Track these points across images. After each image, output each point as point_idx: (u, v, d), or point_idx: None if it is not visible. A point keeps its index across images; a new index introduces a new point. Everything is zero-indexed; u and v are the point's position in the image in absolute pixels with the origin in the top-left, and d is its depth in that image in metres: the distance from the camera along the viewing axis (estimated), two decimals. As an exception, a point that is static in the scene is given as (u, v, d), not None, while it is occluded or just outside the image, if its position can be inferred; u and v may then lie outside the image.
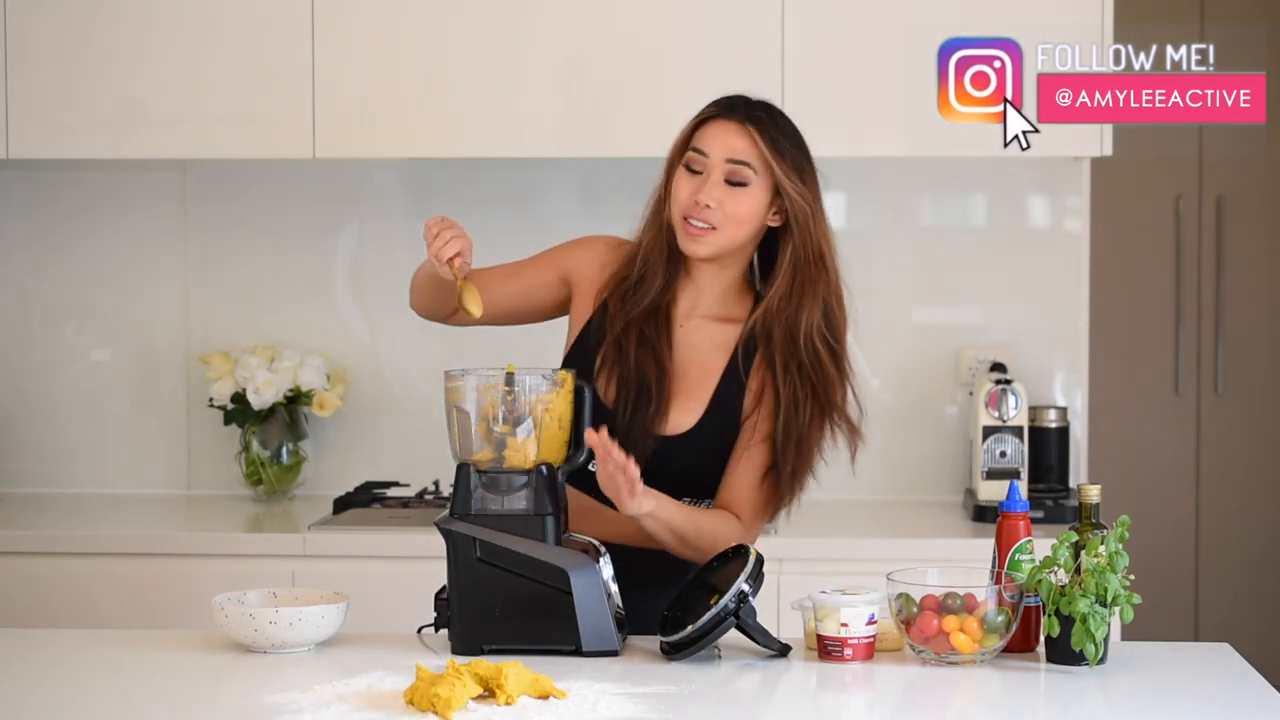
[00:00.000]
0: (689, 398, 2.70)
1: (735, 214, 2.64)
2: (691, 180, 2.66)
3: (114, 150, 3.88)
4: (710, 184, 2.65)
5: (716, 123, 2.67)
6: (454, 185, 4.18)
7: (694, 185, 2.66)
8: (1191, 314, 5.33)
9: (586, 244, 2.84)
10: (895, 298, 4.14)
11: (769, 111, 2.69)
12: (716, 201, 2.64)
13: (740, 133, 2.65)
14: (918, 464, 4.13)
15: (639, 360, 2.69)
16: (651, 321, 2.71)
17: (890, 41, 3.77)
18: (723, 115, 2.67)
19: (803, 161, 2.68)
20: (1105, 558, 2.43)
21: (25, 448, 4.24)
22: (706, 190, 2.64)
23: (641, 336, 2.70)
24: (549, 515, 2.53)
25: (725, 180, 2.65)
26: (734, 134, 2.65)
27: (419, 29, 3.81)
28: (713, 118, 2.68)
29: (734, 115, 2.67)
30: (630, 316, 2.71)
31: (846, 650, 2.47)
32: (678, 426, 2.69)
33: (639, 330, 2.71)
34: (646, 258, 2.73)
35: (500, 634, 2.51)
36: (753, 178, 2.65)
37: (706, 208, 2.64)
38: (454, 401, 2.57)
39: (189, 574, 3.62)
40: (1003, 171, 4.12)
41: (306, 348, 4.14)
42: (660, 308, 2.72)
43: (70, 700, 2.34)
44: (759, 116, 2.67)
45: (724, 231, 2.65)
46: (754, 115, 2.67)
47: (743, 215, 2.65)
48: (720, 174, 2.65)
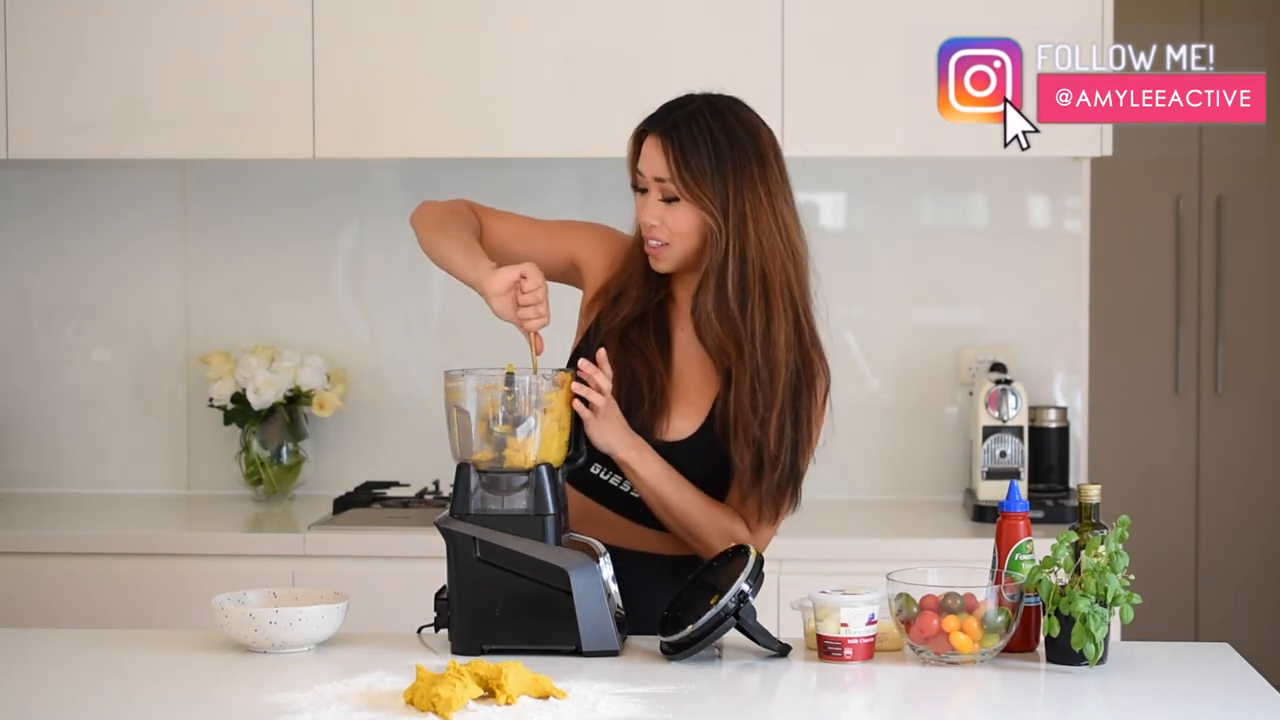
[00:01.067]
0: (690, 404, 2.68)
1: (678, 229, 2.62)
2: (640, 198, 2.66)
3: (114, 150, 3.88)
4: (650, 203, 2.63)
5: (647, 138, 2.64)
6: (454, 185, 4.18)
7: (640, 204, 2.66)
8: (1191, 314, 5.34)
9: (601, 237, 2.81)
10: (895, 298, 4.14)
11: (693, 117, 2.62)
12: (659, 219, 2.62)
13: (658, 149, 2.61)
14: (918, 464, 4.13)
15: (626, 364, 2.67)
16: (637, 327, 2.70)
17: (890, 41, 3.77)
18: (649, 129, 2.64)
19: (722, 170, 2.59)
20: (1105, 558, 2.43)
21: (25, 448, 4.24)
22: (648, 210, 2.63)
23: (625, 341, 2.68)
24: (549, 515, 2.53)
25: (661, 198, 2.62)
26: (654, 150, 2.61)
27: (418, 29, 3.81)
28: (643, 132, 2.65)
29: (656, 129, 2.62)
30: (616, 322, 2.70)
31: (846, 650, 2.47)
32: (680, 432, 2.67)
33: (620, 335, 2.69)
34: (627, 269, 2.73)
35: (500, 634, 2.51)
36: (677, 192, 2.61)
37: (652, 226, 2.63)
38: (454, 401, 2.57)
39: (189, 574, 3.62)
40: (1003, 171, 4.12)
41: (306, 348, 4.14)
42: (647, 315, 2.71)
43: (70, 700, 2.34)
44: (676, 129, 2.60)
45: (675, 246, 2.63)
46: (672, 128, 2.60)
47: (685, 229, 2.61)
48: (656, 191, 2.63)
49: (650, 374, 2.67)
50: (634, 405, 2.65)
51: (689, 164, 2.58)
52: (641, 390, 2.66)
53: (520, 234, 2.82)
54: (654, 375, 2.67)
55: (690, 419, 2.67)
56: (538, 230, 2.83)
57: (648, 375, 2.67)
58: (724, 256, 2.60)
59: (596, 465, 2.69)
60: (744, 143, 2.62)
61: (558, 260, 2.79)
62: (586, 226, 2.85)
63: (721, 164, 2.59)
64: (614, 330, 2.69)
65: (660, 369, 2.67)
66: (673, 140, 2.60)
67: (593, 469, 2.69)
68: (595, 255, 2.79)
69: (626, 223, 2.85)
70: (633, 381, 2.66)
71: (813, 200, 4.14)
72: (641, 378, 2.66)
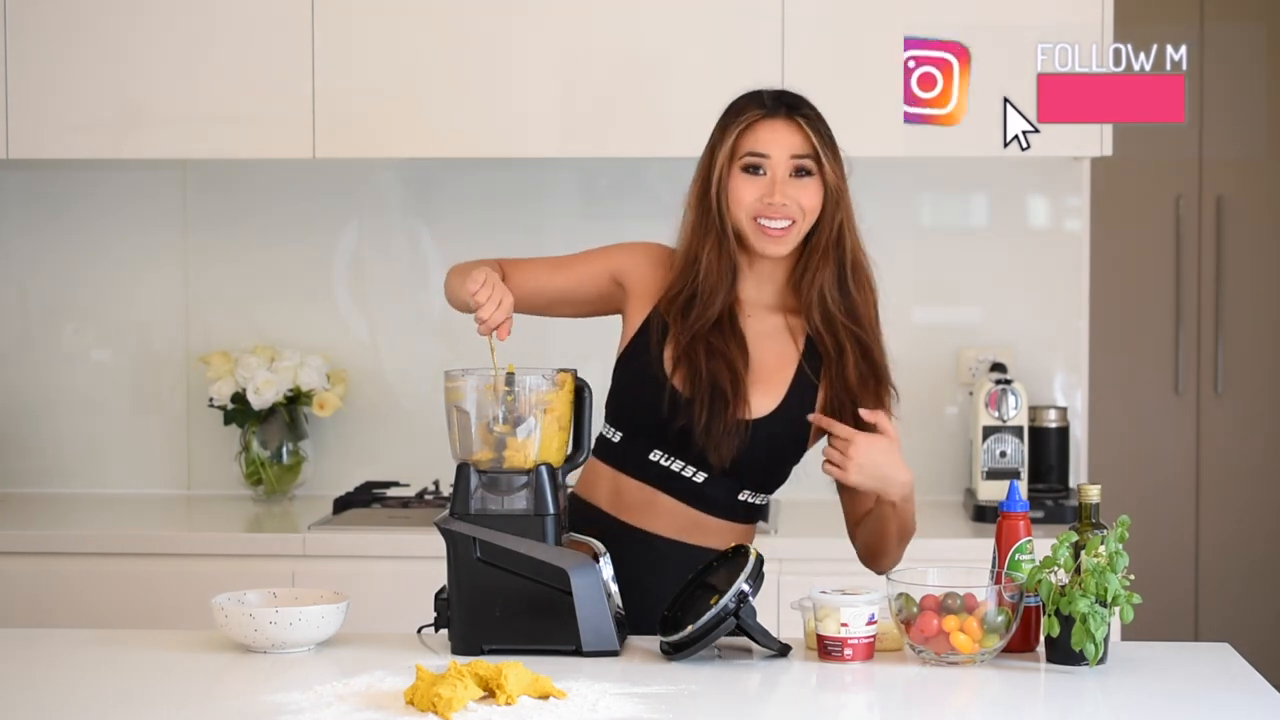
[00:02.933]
0: (768, 383, 2.73)
1: (810, 204, 2.70)
2: (755, 182, 2.70)
3: (114, 150, 3.88)
4: (781, 182, 2.69)
5: (766, 123, 2.72)
6: (454, 185, 4.19)
7: (760, 186, 2.70)
8: (1191, 314, 5.34)
9: (637, 247, 2.87)
10: (895, 298, 4.10)
11: (804, 102, 2.76)
12: (791, 197, 2.69)
13: (795, 129, 2.71)
14: (918, 464, 4.07)
15: (711, 370, 2.70)
16: (718, 329, 2.74)
17: (890, 41, 3.77)
18: (771, 115, 2.72)
19: (837, 145, 2.76)
20: (1105, 558, 2.43)
21: (25, 448, 4.24)
22: (780, 189, 2.69)
23: (710, 347, 2.72)
24: (549, 515, 2.53)
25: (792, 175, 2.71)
26: (789, 131, 2.71)
27: (419, 29, 3.81)
28: (760, 119, 2.72)
29: (780, 113, 2.73)
30: (696, 331, 2.73)
31: (846, 650, 2.47)
32: (759, 411, 2.71)
33: (706, 342, 2.72)
34: (708, 272, 2.75)
35: (500, 634, 2.51)
36: (814, 168, 2.71)
37: (783, 205, 2.68)
38: (454, 401, 2.57)
39: (189, 574, 3.62)
40: (1003, 171, 4.11)
41: (306, 348, 4.14)
42: (723, 314, 2.75)
43: (70, 700, 2.34)
44: (804, 110, 2.74)
45: (801, 224, 2.71)
46: (800, 110, 2.73)
47: (814, 205, 2.71)
48: (786, 170, 2.70)
49: (733, 376, 2.70)
50: (717, 407, 2.69)
51: (825, 140, 2.72)
52: (725, 393, 2.69)
53: (554, 265, 2.87)
54: (736, 377, 2.71)
55: (770, 397, 2.72)
56: (572, 259, 2.88)
57: (730, 379, 2.70)
58: (839, 231, 2.74)
59: (656, 452, 2.71)
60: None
61: (596, 281, 2.83)
62: (619, 245, 2.89)
63: (835, 142, 2.76)
64: (699, 335, 2.72)
65: (740, 369, 2.72)
66: (808, 118, 2.72)
67: (652, 455, 2.70)
68: (637, 261, 2.83)
69: (626, 224, 2.86)
70: (716, 386, 2.69)
71: (813, 200, 4.14)
72: (724, 382, 2.70)
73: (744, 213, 2.71)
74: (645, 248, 2.86)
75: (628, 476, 2.74)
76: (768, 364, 2.75)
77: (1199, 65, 5.31)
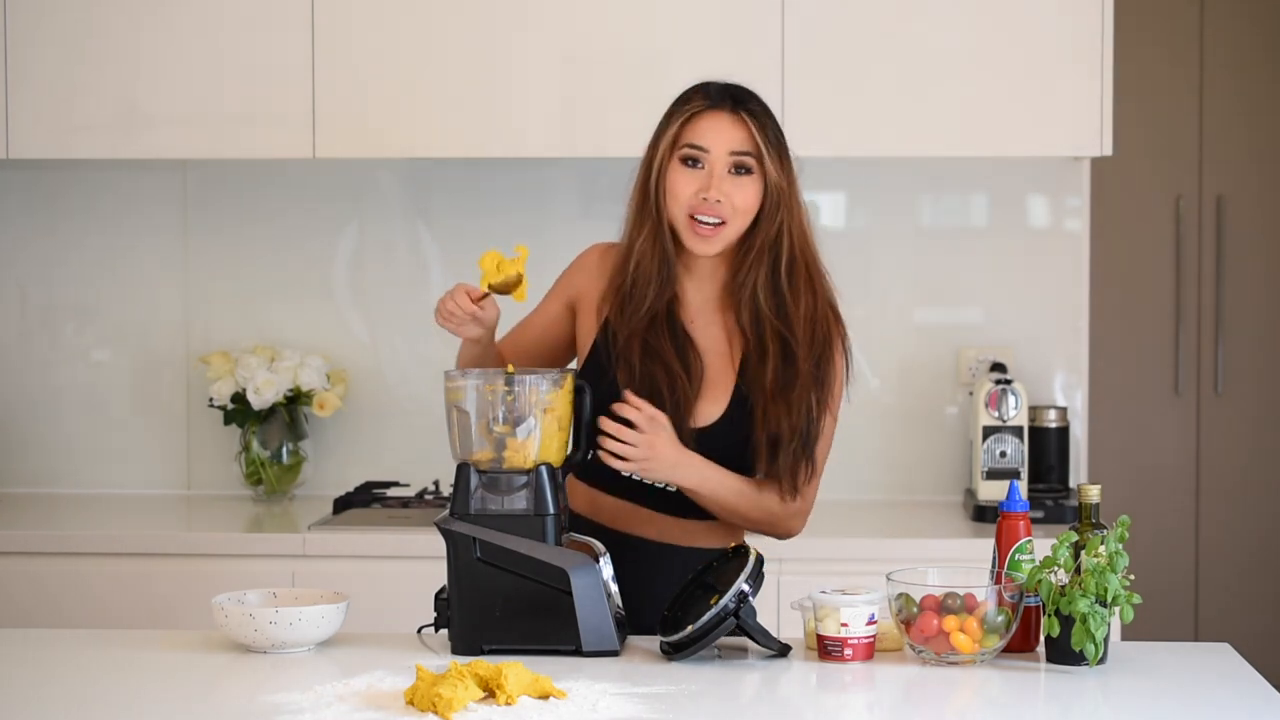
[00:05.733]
0: (715, 387, 2.70)
1: (744, 205, 2.64)
2: (692, 176, 2.65)
3: (114, 150, 3.88)
4: (717, 178, 2.64)
5: (709, 115, 2.66)
6: (454, 185, 4.19)
7: (697, 181, 2.64)
8: (1191, 314, 5.33)
9: (580, 264, 2.83)
10: (895, 298, 4.14)
11: (752, 97, 2.69)
12: (726, 195, 2.63)
13: (737, 123, 2.65)
14: (918, 464, 4.13)
15: (646, 370, 2.67)
16: (654, 329, 2.69)
17: (890, 41, 3.77)
18: (715, 107, 2.66)
19: (784, 144, 2.69)
20: (1105, 558, 2.43)
21: (25, 448, 4.24)
22: (715, 185, 2.63)
23: (645, 346, 2.68)
24: (549, 515, 2.53)
25: (730, 172, 2.65)
26: (730, 125, 2.65)
27: (418, 29, 3.81)
28: (703, 111, 2.66)
29: (725, 106, 2.66)
30: (632, 328, 2.69)
31: (846, 650, 2.48)
32: (707, 418, 2.68)
33: (642, 340, 2.69)
34: (640, 264, 2.70)
35: (500, 634, 2.51)
36: (755, 166, 2.65)
37: (717, 202, 2.63)
38: (454, 401, 2.57)
39: (189, 574, 3.62)
40: (1003, 171, 4.11)
41: (306, 348, 4.14)
42: (659, 312, 2.70)
43: (70, 700, 2.34)
44: (750, 106, 2.67)
45: (733, 224, 2.65)
46: (745, 105, 2.67)
47: (750, 205, 2.65)
48: (724, 166, 2.64)
49: (670, 378, 2.67)
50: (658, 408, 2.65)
51: (769, 137, 2.65)
52: (662, 395, 2.66)
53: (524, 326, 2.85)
54: (673, 379, 2.67)
55: (716, 403, 2.69)
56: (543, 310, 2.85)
57: (667, 381, 2.67)
58: (778, 231, 2.66)
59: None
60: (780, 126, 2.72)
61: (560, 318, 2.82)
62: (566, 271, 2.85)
63: (783, 138, 2.68)
64: (635, 332, 2.69)
65: (679, 371, 2.67)
66: (753, 114, 2.65)
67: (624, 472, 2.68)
68: (582, 279, 2.80)
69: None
70: (654, 388, 2.66)
71: (813, 200, 4.13)
72: (661, 384, 2.66)
73: (679, 207, 2.65)
74: (584, 262, 2.82)
75: (602, 492, 2.73)
76: (712, 367, 2.71)
77: (1199, 65, 5.31)
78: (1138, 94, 5.22)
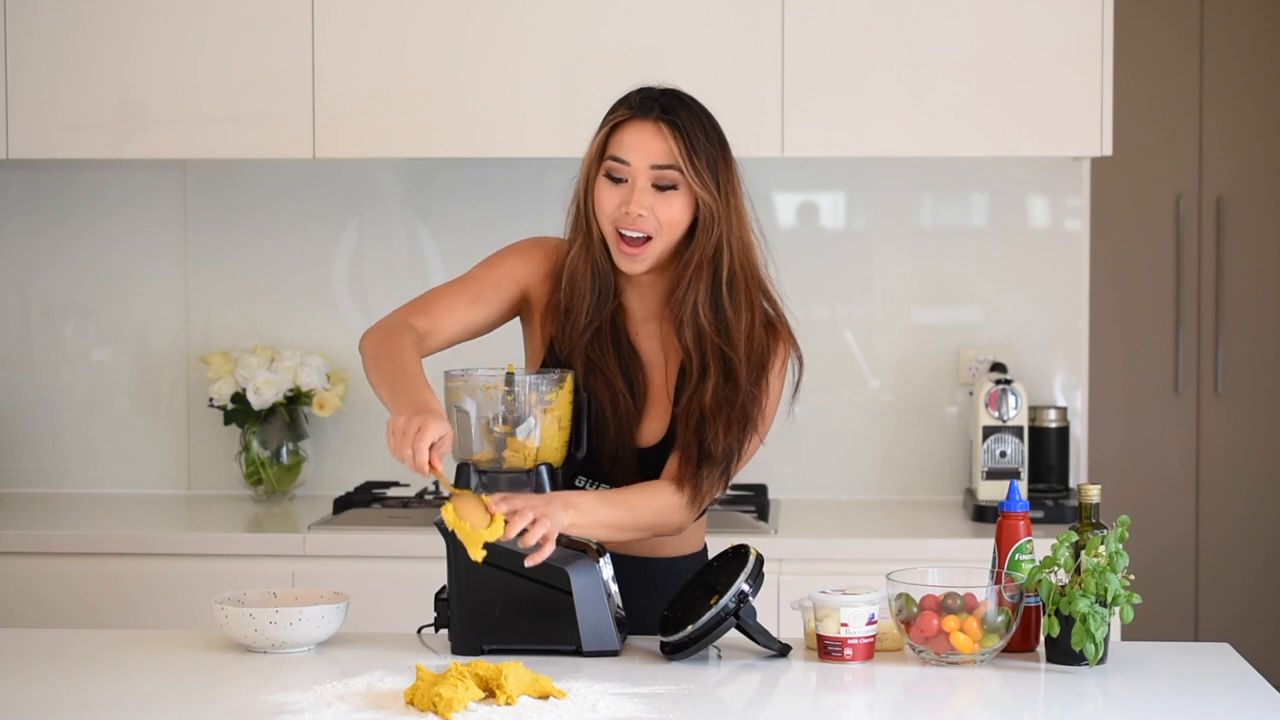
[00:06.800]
0: (656, 405, 2.65)
1: (669, 219, 2.54)
2: (616, 189, 2.56)
3: (114, 150, 3.88)
4: (639, 192, 2.53)
5: (632, 125, 2.56)
6: (454, 185, 4.19)
7: (620, 195, 2.55)
8: (1191, 314, 5.34)
9: (534, 255, 2.69)
10: (895, 298, 4.14)
11: (681, 104, 2.57)
12: (648, 209, 2.53)
13: (658, 135, 2.53)
14: (918, 464, 4.13)
15: (590, 386, 2.61)
16: (596, 343, 2.62)
17: (890, 41, 3.77)
18: (637, 116, 2.56)
19: (716, 155, 2.55)
20: (1105, 558, 2.43)
21: (25, 448, 4.24)
22: (636, 199, 2.53)
23: (588, 362, 2.61)
24: (549, 515, 2.52)
25: (652, 185, 2.55)
26: (652, 137, 2.53)
27: (419, 29, 3.81)
28: (626, 120, 2.56)
29: (648, 116, 2.55)
30: (573, 344, 2.62)
31: (846, 650, 2.48)
32: (653, 436, 2.64)
33: (585, 357, 2.61)
34: (572, 280, 2.61)
35: (500, 634, 2.51)
36: (679, 180, 2.54)
37: (640, 216, 2.53)
38: (454, 401, 2.57)
39: (189, 574, 3.62)
40: (1003, 171, 4.11)
41: (306, 348, 4.14)
42: (602, 326, 2.62)
43: (70, 700, 2.34)
44: (673, 115, 2.54)
45: (660, 239, 2.55)
46: (669, 114, 2.54)
47: (675, 219, 2.55)
48: (646, 180, 2.54)
49: (612, 395, 2.61)
50: (601, 429, 2.61)
51: (695, 149, 2.53)
52: (605, 414, 2.60)
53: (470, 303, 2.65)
54: (615, 396, 2.61)
55: (658, 420, 2.64)
56: (481, 288, 2.66)
57: (610, 398, 2.60)
58: (716, 246, 2.55)
59: (580, 478, 2.66)
60: (721, 134, 2.59)
61: (512, 303, 2.68)
62: (517, 251, 2.71)
63: (714, 150, 2.55)
64: (578, 352, 2.61)
65: (621, 388, 2.61)
66: (676, 125, 2.53)
67: (577, 482, 2.64)
68: (534, 273, 2.67)
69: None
70: (598, 408, 2.61)
71: (813, 200, 4.14)
72: (604, 401, 2.60)
73: (607, 221, 2.56)
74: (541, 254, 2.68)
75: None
76: (655, 382, 2.64)
77: (1199, 65, 5.31)
78: (1138, 94, 5.23)
